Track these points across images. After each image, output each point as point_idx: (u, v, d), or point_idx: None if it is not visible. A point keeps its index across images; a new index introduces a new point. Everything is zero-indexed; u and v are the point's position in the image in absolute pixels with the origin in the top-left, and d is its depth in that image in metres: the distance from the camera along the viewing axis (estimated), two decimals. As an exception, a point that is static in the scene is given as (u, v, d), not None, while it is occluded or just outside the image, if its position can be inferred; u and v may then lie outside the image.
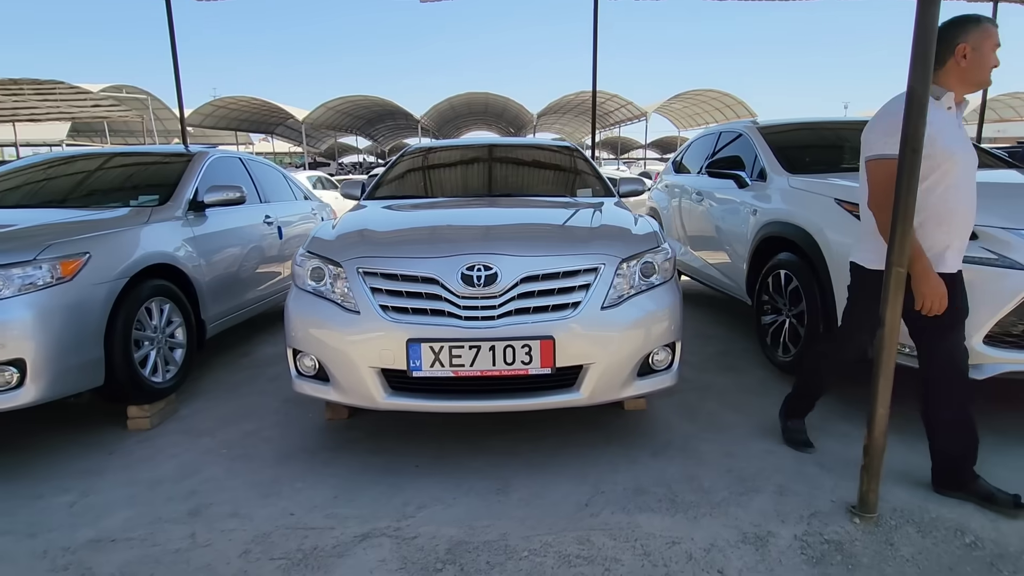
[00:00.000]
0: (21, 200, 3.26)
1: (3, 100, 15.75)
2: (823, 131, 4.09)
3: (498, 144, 4.08)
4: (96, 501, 2.17)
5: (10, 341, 2.16)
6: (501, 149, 3.94)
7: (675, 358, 2.29)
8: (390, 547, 1.88)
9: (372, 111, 35.29)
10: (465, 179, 3.62)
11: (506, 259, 2.06)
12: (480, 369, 1.97)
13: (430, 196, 3.32)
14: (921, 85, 1.66)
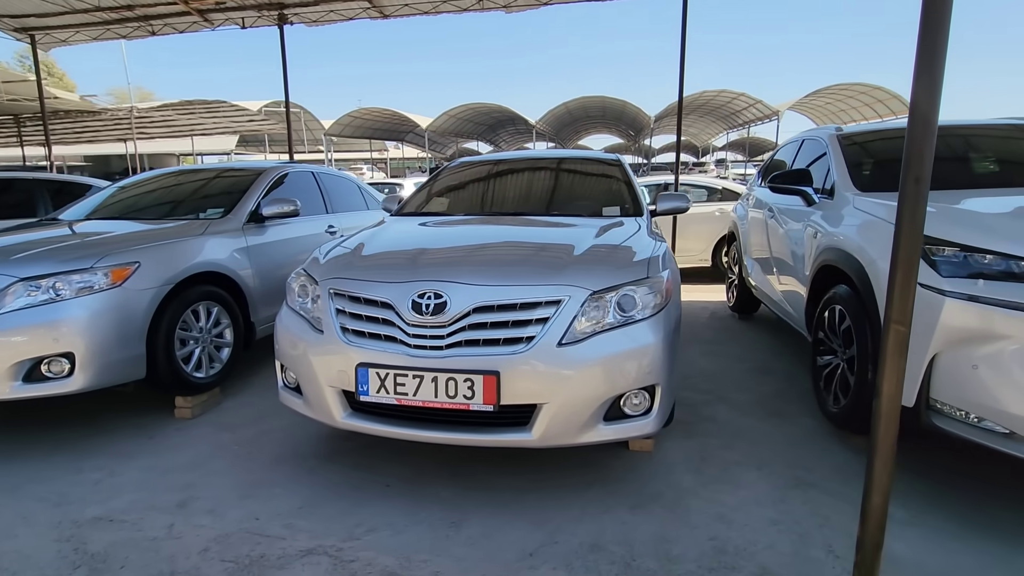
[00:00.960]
0: (120, 212, 3.82)
1: (179, 118, 18.93)
2: (948, 138, 3.30)
3: (532, 158, 3.97)
4: (116, 481, 2.48)
5: (63, 336, 2.54)
6: (534, 163, 3.83)
7: (655, 403, 2.05)
8: (326, 567, 1.91)
9: (492, 117, 36.48)
10: (488, 196, 3.57)
11: (459, 288, 1.99)
12: (422, 400, 1.92)
13: (450, 214, 3.32)
14: (927, 99, 1.30)
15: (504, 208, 3.33)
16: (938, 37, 1.28)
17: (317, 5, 7.44)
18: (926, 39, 1.29)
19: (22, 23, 8.02)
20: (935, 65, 1.29)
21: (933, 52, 1.28)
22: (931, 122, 1.31)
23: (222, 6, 7.39)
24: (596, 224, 2.75)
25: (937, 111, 1.31)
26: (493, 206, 3.40)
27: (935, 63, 1.28)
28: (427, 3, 7.38)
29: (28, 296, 2.55)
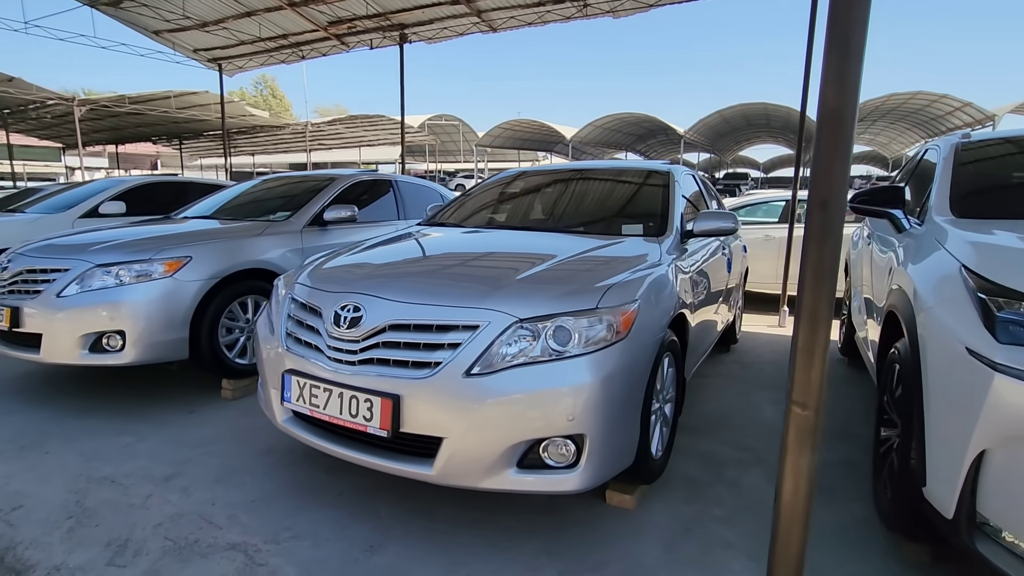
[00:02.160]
0: (215, 213, 4.39)
1: (347, 132, 21.53)
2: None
3: (571, 170, 3.69)
4: (139, 447, 2.82)
5: (118, 316, 2.97)
6: (571, 175, 3.56)
7: (583, 457, 1.74)
8: (238, 565, 1.95)
9: (641, 127, 35.47)
10: (506, 209, 3.39)
11: (377, 302, 1.89)
12: (328, 414, 1.86)
13: (468, 226, 3.21)
14: (839, 97, 0.91)
15: (514, 221, 3.16)
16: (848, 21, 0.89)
17: (431, 24, 7.92)
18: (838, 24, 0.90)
19: (212, 55, 9.92)
20: (845, 57, 0.89)
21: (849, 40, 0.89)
22: (843, 131, 0.91)
23: (354, 30, 8.24)
24: (591, 243, 2.46)
25: (851, 115, 0.91)
26: (505, 219, 3.25)
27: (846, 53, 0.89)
28: (532, 14, 7.42)
29: (101, 280, 3.03)
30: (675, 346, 2.34)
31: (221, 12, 8.29)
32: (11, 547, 2.14)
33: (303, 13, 7.90)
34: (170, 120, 16.88)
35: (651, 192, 3.12)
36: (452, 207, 3.52)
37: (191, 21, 8.13)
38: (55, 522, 2.25)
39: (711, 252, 3.24)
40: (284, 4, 7.67)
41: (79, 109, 13.45)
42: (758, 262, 6.34)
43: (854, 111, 0.88)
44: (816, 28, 5.53)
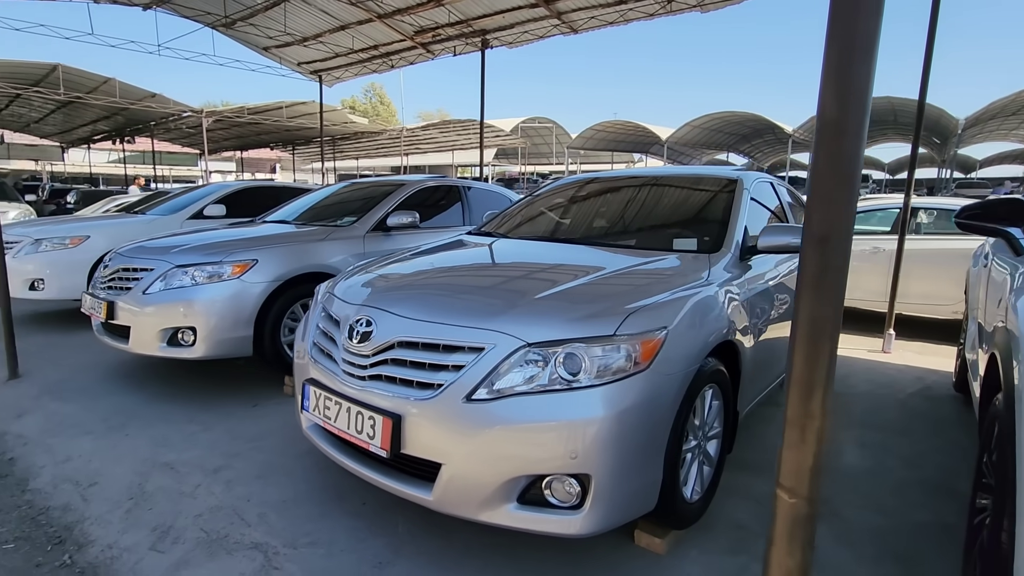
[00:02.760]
0: (292, 217, 4.65)
1: (440, 136, 22.28)
2: None
3: (623, 177, 3.44)
4: (201, 437, 3.03)
5: (191, 313, 3.22)
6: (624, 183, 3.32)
7: (588, 498, 1.58)
8: (256, 566, 2.01)
9: (745, 126, 33.34)
10: (557, 220, 3.21)
11: (388, 317, 1.84)
12: (338, 427, 1.84)
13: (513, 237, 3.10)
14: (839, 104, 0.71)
15: (559, 233, 3.00)
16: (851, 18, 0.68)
17: (512, 28, 7.90)
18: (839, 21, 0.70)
19: (313, 67, 10.73)
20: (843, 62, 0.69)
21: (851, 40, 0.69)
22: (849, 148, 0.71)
23: (438, 38, 8.46)
24: (634, 259, 2.27)
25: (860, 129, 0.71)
26: (551, 230, 3.09)
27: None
28: (614, 13, 7.14)
29: (179, 279, 3.31)
30: (721, 376, 2.09)
31: (318, 27, 8.94)
32: (80, 521, 2.37)
33: (391, 24, 8.27)
34: (283, 128, 18.52)
35: (712, 203, 2.83)
36: (503, 216, 3.45)
37: (292, 37, 8.87)
38: (118, 502, 2.46)
39: (783, 270, 2.89)
40: (374, 16, 8.09)
41: (207, 120, 15.25)
42: (864, 276, 5.65)
43: (861, 121, 0.68)
44: (940, 9, 4.82)
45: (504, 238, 2.98)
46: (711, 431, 2.15)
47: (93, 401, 3.55)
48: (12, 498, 2.57)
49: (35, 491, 2.62)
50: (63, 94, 12.67)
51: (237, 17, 8.40)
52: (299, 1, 8.26)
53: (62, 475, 2.71)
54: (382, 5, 7.88)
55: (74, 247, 5.16)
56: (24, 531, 2.32)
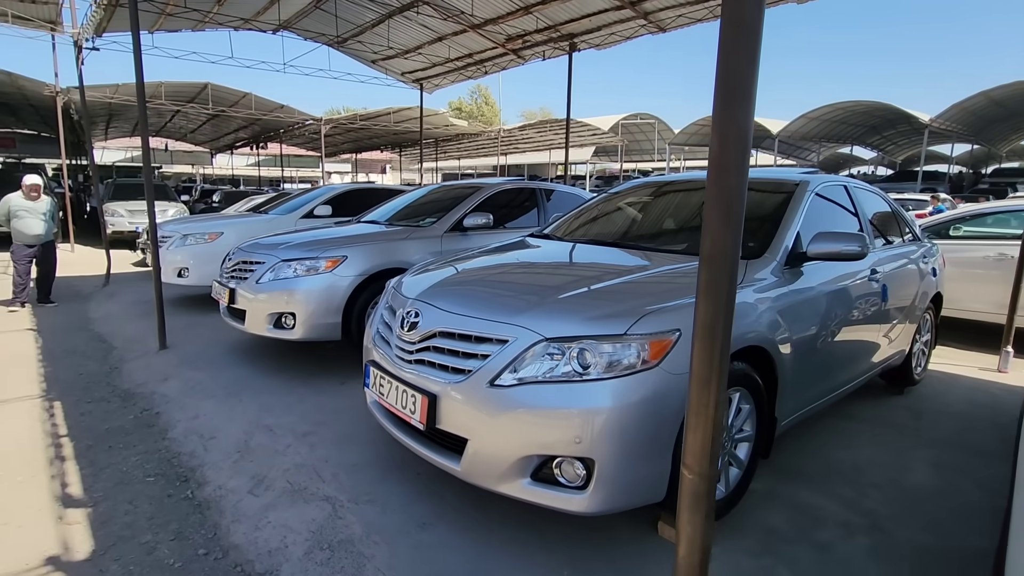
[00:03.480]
0: (385, 217, 5.14)
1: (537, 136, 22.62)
2: None
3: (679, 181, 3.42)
4: (296, 407, 3.54)
5: (292, 301, 3.76)
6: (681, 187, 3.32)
7: (592, 480, 1.74)
8: (325, 515, 2.40)
9: (872, 116, 30.12)
10: (610, 223, 3.29)
11: (430, 310, 2.11)
12: (389, 403, 2.15)
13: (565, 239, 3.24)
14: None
15: (609, 237, 3.09)
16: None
17: (599, 31, 7.93)
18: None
19: (414, 76, 11.52)
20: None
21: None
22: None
23: (527, 44, 8.71)
24: (669, 264, 2.36)
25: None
26: (602, 233, 3.20)
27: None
28: (703, 10, 6.91)
29: (284, 272, 3.87)
30: (750, 381, 2.14)
31: (418, 40, 9.64)
32: (200, 465, 2.93)
33: (483, 33, 8.69)
34: (391, 132, 19.93)
35: (767, 208, 2.81)
36: (564, 219, 3.63)
37: (395, 50, 9.61)
38: (228, 454, 3.00)
39: (842, 276, 2.79)
40: (467, 27, 8.55)
41: (324, 127, 16.93)
42: (988, 286, 5.09)
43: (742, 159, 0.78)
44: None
45: (557, 240, 3.17)
46: (739, 434, 2.19)
47: (218, 371, 4.25)
48: (155, 443, 3.22)
49: (171, 439, 3.25)
50: (211, 108, 14.82)
51: (348, 35, 9.33)
52: (400, 18, 8.98)
53: (191, 429, 3.34)
54: (474, 17, 8.34)
55: (212, 242, 6.10)
56: (162, 469, 2.92)
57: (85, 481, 2.80)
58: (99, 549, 2.28)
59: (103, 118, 18.76)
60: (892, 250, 3.47)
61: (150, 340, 5.15)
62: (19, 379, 4.25)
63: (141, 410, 3.69)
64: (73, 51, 7.64)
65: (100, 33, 7.02)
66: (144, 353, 4.84)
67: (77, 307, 6.86)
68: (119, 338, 5.41)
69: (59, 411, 3.67)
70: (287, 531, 2.32)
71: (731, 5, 0.82)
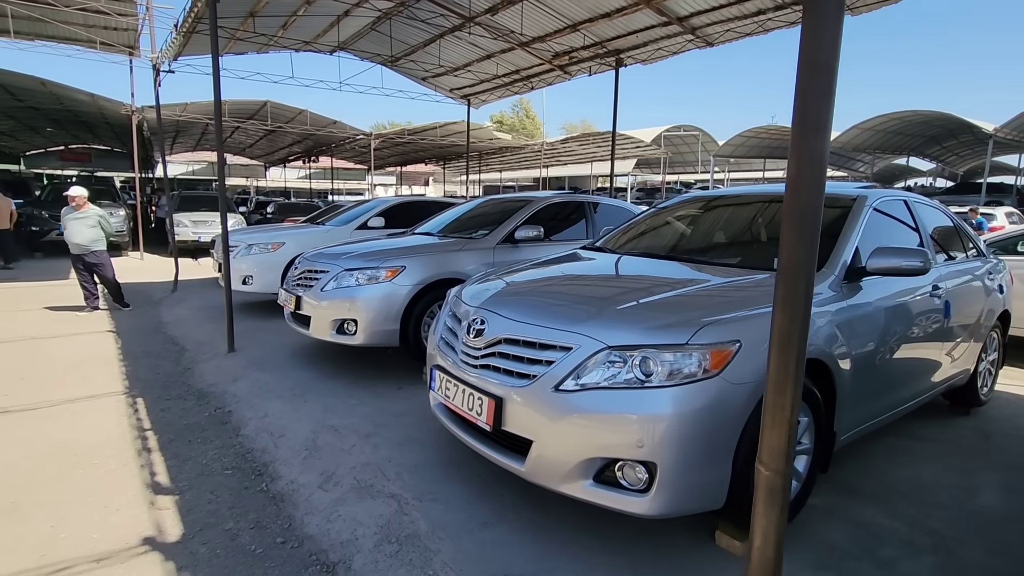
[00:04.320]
0: (441, 229, 5.33)
1: (579, 148, 22.71)
2: None
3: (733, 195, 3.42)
4: (358, 409, 3.72)
5: (354, 308, 3.97)
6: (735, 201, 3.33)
7: (655, 483, 1.80)
8: (392, 511, 2.53)
9: (932, 126, 28.86)
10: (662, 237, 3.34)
11: (496, 318, 2.22)
12: (455, 405, 2.27)
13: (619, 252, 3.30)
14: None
15: (662, 250, 3.14)
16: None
17: (646, 47, 7.98)
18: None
19: (462, 92, 11.89)
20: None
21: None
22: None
23: (574, 60, 8.85)
24: (725, 277, 2.41)
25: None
26: (654, 247, 3.25)
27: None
28: (751, 24, 6.87)
29: (346, 280, 4.09)
30: (808, 394, 2.16)
31: (467, 58, 9.96)
32: (272, 461, 3.13)
33: (531, 51, 8.90)
34: (436, 146, 20.46)
35: (823, 223, 2.80)
36: (615, 232, 3.70)
37: (445, 68, 9.94)
38: (298, 451, 3.20)
39: (903, 292, 2.76)
40: (516, 45, 8.77)
41: (374, 141, 17.58)
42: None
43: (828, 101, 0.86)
44: None
45: (610, 253, 3.25)
46: (797, 446, 2.21)
47: (283, 374, 4.49)
48: (230, 439, 3.46)
49: (244, 436, 3.48)
50: (270, 124, 15.64)
51: (400, 55, 9.73)
52: (451, 38, 9.32)
53: (261, 427, 3.56)
54: (522, 35, 8.56)
55: (274, 251, 6.45)
56: (237, 463, 3.14)
57: (171, 471, 3.04)
58: (188, 533, 2.48)
59: (170, 134, 20.03)
60: (955, 266, 3.39)
61: (219, 343, 5.49)
62: (104, 376, 4.62)
63: (215, 408, 3.95)
64: (151, 74, 8.27)
65: (176, 57, 7.58)
66: (214, 355, 5.16)
67: (150, 311, 7.36)
68: (190, 341, 5.78)
69: (142, 407, 3.97)
70: (357, 524, 2.47)
71: (808, 47, 0.89)
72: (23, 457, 3.18)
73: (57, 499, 2.75)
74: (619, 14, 7.16)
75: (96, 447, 3.31)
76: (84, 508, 2.67)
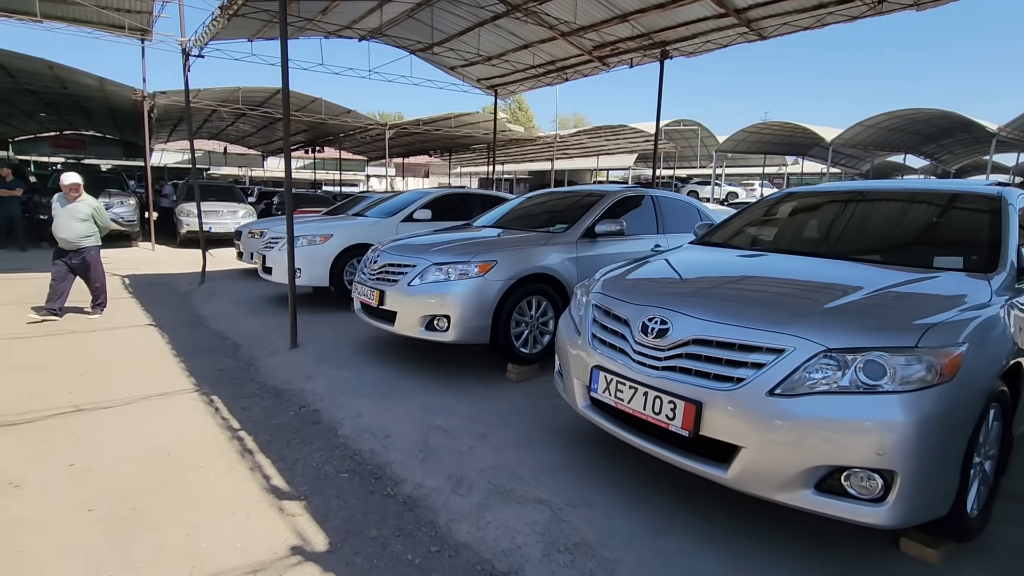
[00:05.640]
0: (506, 223, 5.20)
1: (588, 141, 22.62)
2: None
3: (851, 191, 3.34)
4: (457, 408, 3.60)
5: (447, 303, 3.83)
6: (856, 196, 3.25)
7: (892, 493, 1.72)
8: (546, 517, 2.43)
9: (932, 125, 29.18)
10: (790, 232, 3.25)
11: (682, 318, 2.12)
12: (632, 408, 2.16)
13: (748, 248, 3.22)
14: None
15: (798, 246, 3.05)
16: None
17: (695, 39, 7.88)
18: None
19: (491, 82, 11.67)
20: None
21: None
22: None
23: (617, 51, 8.71)
24: (900, 276, 2.32)
25: None
26: (786, 242, 3.16)
27: None
28: (810, 17, 6.78)
29: (435, 275, 3.95)
30: (1004, 398, 2.09)
31: (503, 47, 9.75)
32: (387, 464, 3.00)
33: (573, 42, 8.72)
34: (447, 137, 20.20)
35: (972, 219, 2.74)
36: (726, 227, 3.60)
37: (480, 57, 9.72)
38: (412, 453, 3.07)
39: None
40: (557, 35, 8.60)
41: (389, 131, 17.28)
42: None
43: None
44: None
45: (739, 250, 3.15)
46: (989, 451, 2.14)
47: (358, 371, 4.35)
48: (329, 440, 3.31)
49: (345, 436, 3.34)
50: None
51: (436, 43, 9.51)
52: (491, 26, 9.09)
53: (360, 427, 3.42)
54: (568, 24, 8.39)
55: (322, 244, 6.27)
56: (350, 466, 3.00)
57: (283, 475, 2.90)
58: (334, 542, 2.35)
59: (173, 121, 19.53)
60: None
61: (274, 338, 5.32)
62: (166, 373, 4.45)
63: (298, 407, 3.80)
64: (180, 58, 7.98)
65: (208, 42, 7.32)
66: (274, 351, 4.99)
67: (182, 304, 7.14)
68: (241, 336, 5.60)
69: (220, 406, 3.81)
70: (513, 532, 2.36)
71: None
72: (121, 459, 3.02)
73: (177, 505, 2.61)
74: (675, 4, 7.02)
75: (193, 449, 3.16)
76: (209, 515, 2.53)
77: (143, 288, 8.11)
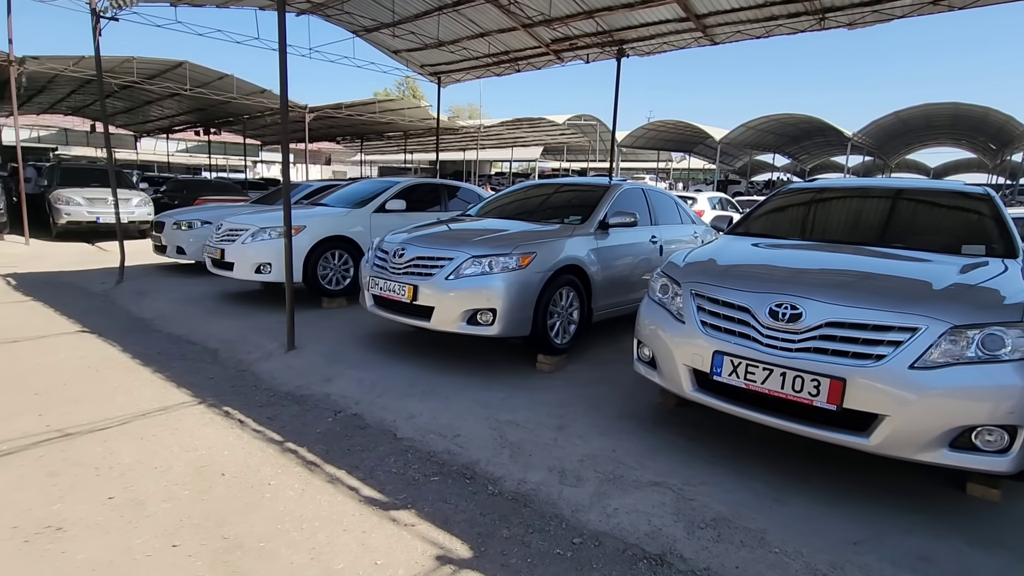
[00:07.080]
0: (506, 214, 5.17)
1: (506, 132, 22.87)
2: None
3: (883, 187, 3.86)
4: (513, 402, 3.55)
5: (492, 297, 3.76)
6: (886, 193, 3.75)
7: (1016, 444, 2.05)
8: (671, 498, 2.52)
9: (798, 128, 33.19)
10: (834, 224, 3.66)
11: (814, 303, 2.33)
12: (768, 388, 2.34)
13: (792, 238, 3.53)
14: None
15: (841, 236, 3.43)
16: None
17: (652, 39, 8.31)
18: None
19: (436, 69, 11.33)
20: None
21: None
22: None
23: (574, 46, 8.92)
24: (956, 262, 2.72)
25: None
26: (843, 235, 3.48)
27: None
28: (759, 28, 7.50)
29: (474, 267, 3.85)
30: None
31: (458, 34, 9.49)
32: (471, 464, 2.91)
33: (532, 33, 8.74)
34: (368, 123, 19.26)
35: (983, 213, 3.26)
36: (753, 220, 3.91)
37: (432, 41, 9.41)
38: (495, 450, 3.00)
39: None
40: (518, 25, 8.56)
41: (308, 115, 16.07)
42: None
43: None
44: None
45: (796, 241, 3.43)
46: None
47: (381, 369, 4.12)
48: (392, 444, 3.13)
49: (409, 439, 3.17)
50: (189, 88, 13.53)
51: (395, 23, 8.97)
52: (452, 12, 8.79)
53: (422, 427, 3.27)
54: (531, 16, 8.37)
55: (296, 235, 5.77)
56: (434, 469, 2.87)
57: (369, 484, 2.71)
58: (474, 546, 2.27)
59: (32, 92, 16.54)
60: None
61: (256, 340, 4.87)
62: (145, 385, 3.91)
63: (334, 412, 3.54)
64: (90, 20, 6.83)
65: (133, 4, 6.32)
66: (267, 354, 4.56)
67: (108, 307, 6.22)
68: (210, 339, 5.03)
69: (242, 417, 3.45)
70: (645, 515, 2.43)
71: None
72: (170, 485, 2.64)
73: (273, 529, 2.35)
74: (643, 5, 7.32)
75: (247, 466, 2.84)
76: (319, 536, 2.32)
77: (43, 289, 6.93)
